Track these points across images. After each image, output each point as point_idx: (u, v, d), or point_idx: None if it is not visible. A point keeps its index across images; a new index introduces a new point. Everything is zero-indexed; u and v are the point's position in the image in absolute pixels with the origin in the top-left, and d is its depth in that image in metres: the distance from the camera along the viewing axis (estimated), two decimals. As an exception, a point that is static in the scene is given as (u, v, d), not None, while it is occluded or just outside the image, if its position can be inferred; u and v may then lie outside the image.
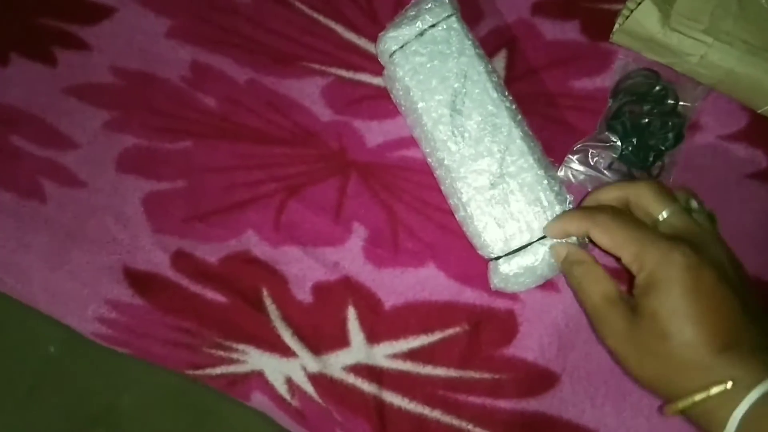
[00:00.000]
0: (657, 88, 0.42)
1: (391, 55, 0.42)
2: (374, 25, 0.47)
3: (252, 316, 0.44)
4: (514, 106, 0.40)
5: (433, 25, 0.41)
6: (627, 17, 0.40)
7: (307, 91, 0.47)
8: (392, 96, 0.44)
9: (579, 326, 0.42)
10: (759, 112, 0.41)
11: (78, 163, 0.47)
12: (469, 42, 0.41)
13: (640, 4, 0.39)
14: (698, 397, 0.31)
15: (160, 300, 0.45)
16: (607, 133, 0.42)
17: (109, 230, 0.46)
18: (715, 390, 0.30)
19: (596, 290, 0.35)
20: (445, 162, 0.41)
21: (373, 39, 0.47)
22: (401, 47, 0.41)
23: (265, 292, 0.44)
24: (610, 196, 0.37)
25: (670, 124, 0.41)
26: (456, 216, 0.42)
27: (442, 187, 0.42)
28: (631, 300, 0.34)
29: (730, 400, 0.30)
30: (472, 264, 0.43)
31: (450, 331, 0.43)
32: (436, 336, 0.43)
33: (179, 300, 0.45)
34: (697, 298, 0.31)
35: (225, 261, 0.45)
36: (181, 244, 0.46)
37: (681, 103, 0.42)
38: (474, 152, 0.40)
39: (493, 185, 0.39)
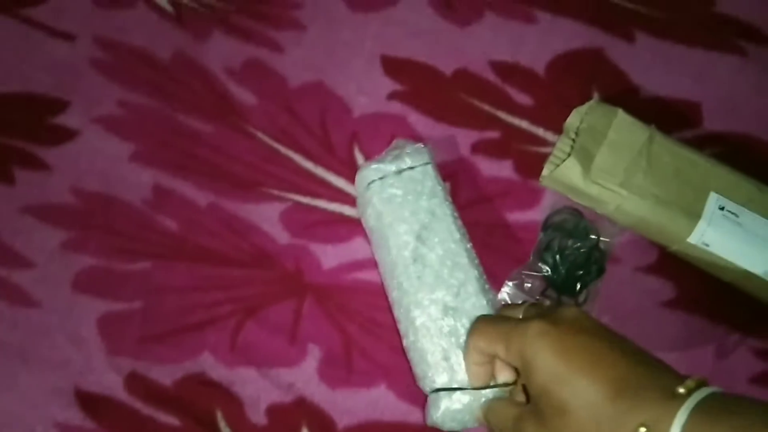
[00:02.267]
0: (581, 225, 0.47)
1: (369, 184, 0.46)
2: (330, 155, 0.51)
3: (206, 440, 0.45)
4: (471, 248, 0.45)
5: (411, 168, 0.46)
6: (556, 165, 0.46)
7: (266, 215, 0.50)
8: (363, 220, 0.48)
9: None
10: (668, 250, 0.47)
11: (33, 282, 0.47)
12: (440, 187, 0.46)
13: (567, 156, 0.45)
14: None
15: (112, 423, 0.45)
16: (539, 263, 0.47)
17: (62, 351, 0.46)
18: None
19: (503, 417, 0.38)
20: (404, 285, 0.44)
21: (329, 168, 0.51)
22: (380, 178, 0.46)
23: (219, 415, 0.45)
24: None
25: (593, 258, 0.47)
26: (404, 341, 0.45)
27: (396, 311, 0.45)
28: (530, 402, 0.37)
29: (663, 425, 0.29)
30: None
31: (400, 452, 0.45)
32: (387, 456, 0.45)
33: (132, 423, 0.45)
34: (567, 355, 0.33)
35: (180, 383, 0.46)
36: (136, 366, 0.46)
37: (602, 238, 0.47)
38: (432, 281, 0.43)
39: (445, 316, 0.43)
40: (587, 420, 0.31)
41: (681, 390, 0.30)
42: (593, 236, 0.47)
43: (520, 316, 0.39)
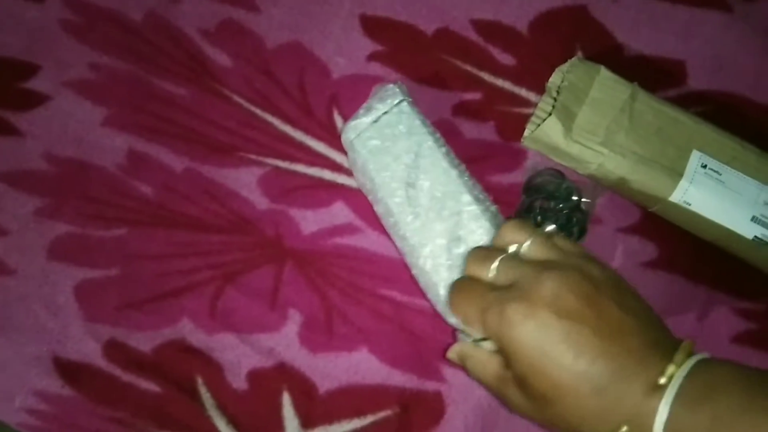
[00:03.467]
0: (563, 186, 0.47)
1: (351, 143, 0.45)
2: (308, 118, 0.50)
3: (186, 406, 0.44)
4: (464, 172, 0.44)
5: (386, 112, 0.45)
6: (537, 125, 0.45)
7: (244, 181, 0.49)
8: (357, 182, 0.48)
9: (500, 405, 0.45)
10: (649, 210, 0.47)
11: (7, 250, 0.47)
12: (419, 122, 0.45)
13: (548, 116, 0.44)
14: None
15: (92, 390, 0.45)
16: (521, 226, 0.47)
17: (39, 319, 0.46)
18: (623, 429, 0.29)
19: (487, 375, 0.36)
20: (402, 232, 0.43)
21: (308, 131, 0.50)
22: (358, 135, 0.45)
23: (199, 381, 0.45)
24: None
25: (574, 219, 0.46)
26: (420, 284, 0.44)
27: (406, 259, 0.45)
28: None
29: (646, 420, 0.29)
30: (401, 348, 0.46)
31: (381, 414, 0.45)
32: (368, 419, 0.45)
33: (111, 390, 0.45)
34: (547, 345, 0.31)
35: (159, 350, 0.45)
36: (114, 333, 0.46)
37: (583, 199, 0.47)
38: (428, 220, 0.43)
39: (448, 251, 0.42)
40: (570, 413, 0.31)
41: (662, 380, 0.29)
42: (575, 197, 0.47)
43: (490, 275, 0.36)
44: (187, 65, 0.50)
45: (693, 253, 0.48)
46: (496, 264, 0.36)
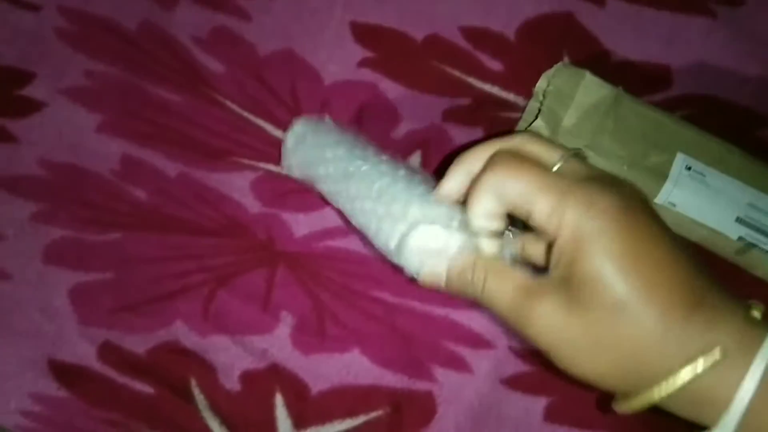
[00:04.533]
0: None
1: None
2: (301, 123, 0.51)
3: (180, 407, 0.45)
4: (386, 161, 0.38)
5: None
6: (524, 129, 0.46)
7: (237, 185, 0.50)
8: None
9: (490, 405, 0.46)
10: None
11: (3, 255, 0.47)
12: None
13: (534, 119, 0.45)
14: (685, 376, 0.23)
15: (86, 392, 0.45)
16: (511, 226, 0.47)
17: (34, 323, 0.46)
18: (704, 363, 0.23)
19: (505, 288, 0.28)
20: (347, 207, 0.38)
21: (300, 137, 0.51)
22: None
23: (193, 382, 0.46)
24: (484, 154, 0.29)
25: None
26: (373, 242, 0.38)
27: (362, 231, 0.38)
28: (553, 277, 0.27)
29: (725, 374, 0.23)
30: (393, 348, 0.47)
31: (373, 414, 0.45)
32: (360, 419, 0.45)
33: (106, 392, 0.45)
34: (642, 246, 0.25)
35: (153, 352, 0.46)
36: (109, 336, 0.46)
37: None
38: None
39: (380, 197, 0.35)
40: (649, 329, 0.24)
41: (756, 314, 0.25)
42: None
43: (556, 166, 0.27)
44: (181, 72, 0.51)
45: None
46: (563, 157, 0.27)
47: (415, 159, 0.50)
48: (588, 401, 0.46)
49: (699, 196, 0.44)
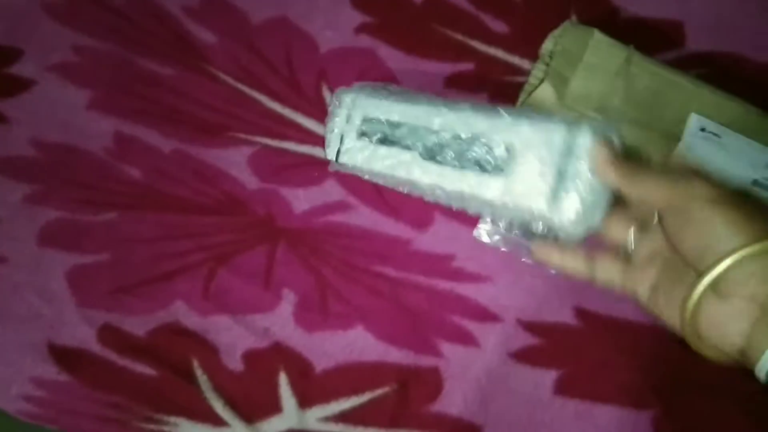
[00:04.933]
0: None
1: (337, 161, 0.42)
2: (297, 95, 0.49)
3: (183, 388, 0.44)
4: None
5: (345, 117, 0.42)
6: (530, 93, 0.44)
7: (234, 160, 0.48)
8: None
9: (498, 379, 0.45)
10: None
11: (-3, 238, 0.46)
12: (377, 99, 0.41)
13: (540, 82, 0.43)
14: (739, 255, 0.28)
15: (87, 376, 0.45)
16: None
17: (32, 306, 0.45)
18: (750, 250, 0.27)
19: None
20: (450, 187, 0.38)
21: (297, 108, 0.49)
22: (338, 153, 0.42)
23: (195, 363, 0.45)
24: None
25: None
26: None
27: (478, 210, 0.39)
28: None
29: None
30: (397, 324, 0.45)
31: (379, 392, 0.44)
32: (365, 397, 0.44)
33: (107, 375, 0.45)
34: (729, 199, 0.29)
35: (153, 333, 0.45)
36: (108, 318, 0.45)
37: None
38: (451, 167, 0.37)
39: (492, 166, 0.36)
40: (722, 223, 0.29)
41: None
42: None
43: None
44: (172, 44, 0.49)
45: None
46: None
47: (417, 128, 0.48)
48: (599, 374, 0.44)
49: (714, 158, 0.42)
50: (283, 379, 0.45)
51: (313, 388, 0.45)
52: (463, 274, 0.46)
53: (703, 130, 0.42)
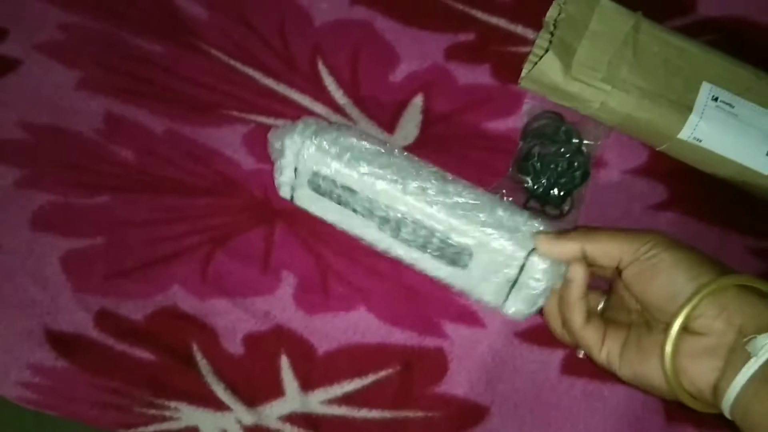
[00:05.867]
0: (562, 129, 0.44)
1: (292, 201, 0.42)
2: (292, 70, 0.47)
3: (183, 373, 0.43)
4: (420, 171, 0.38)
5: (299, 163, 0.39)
6: (534, 63, 0.42)
7: (228, 140, 0.47)
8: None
9: (504, 359, 0.44)
10: (658, 150, 0.44)
11: (-12, 224, 0.45)
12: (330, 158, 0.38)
13: (545, 53, 0.41)
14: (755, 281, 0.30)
15: (85, 361, 0.44)
16: (520, 174, 0.44)
17: (27, 292, 0.45)
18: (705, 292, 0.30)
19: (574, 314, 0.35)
20: (408, 261, 0.40)
21: (292, 85, 0.47)
22: (292, 196, 0.41)
23: (195, 347, 0.44)
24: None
25: (576, 163, 0.44)
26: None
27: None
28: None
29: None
30: (401, 305, 0.44)
31: (383, 373, 0.44)
32: (369, 378, 0.44)
33: (105, 360, 0.44)
34: (684, 252, 0.32)
35: (151, 318, 0.44)
36: (104, 303, 0.44)
37: (585, 142, 0.44)
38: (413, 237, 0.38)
39: (449, 257, 0.38)
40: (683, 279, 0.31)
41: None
42: (575, 140, 0.44)
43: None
44: (161, 20, 0.47)
45: (705, 193, 0.45)
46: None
47: (417, 103, 0.47)
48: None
49: (727, 129, 0.40)
50: (284, 362, 0.44)
51: (315, 371, 0.44)
52: (467, 253, 0.45)
53: (715, 99, 0.40)
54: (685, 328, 0.31)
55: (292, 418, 0.43)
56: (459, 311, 0.44)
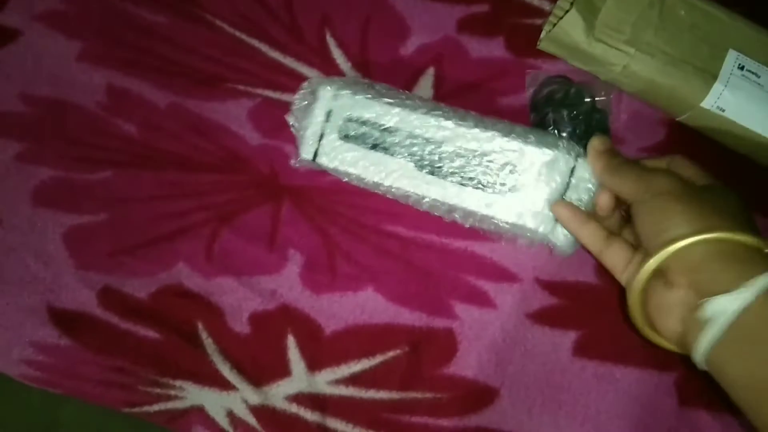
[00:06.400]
0: (571, 90, 0.42)
1: (315, 160, 0.41)
2: (299, 43, 0.46)
3: (188, 352, 0.43)
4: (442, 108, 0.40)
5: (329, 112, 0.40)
6: (554, 24, 0.41)
7: (233, 114, 0.45)
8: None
9: (515, 340, 0.43)
10: (678, 119, 0.43)
11: (-11, 199, 0.44)
12: (360, 97, 0.40)
13: (566, 12, 0.39)
14: (743, 237, 0.29)
15: (89, 339, 0.43)
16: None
17: (29, 269, 0.44)
18: (758, 242, 0.29)
19: (595, 235, 0.36)
20: (448, 201, 0.39)
21: (299, 58, 0.46)
22: (317, 151, 0.41)
23: (200, 326, 0.43)
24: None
25: (593, 122, 0.42)
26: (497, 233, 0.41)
27: (471, 223, 0.41)
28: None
29: (758, 264, 0.29)
30: (409, 285, 0.43)
31: (391, 354, 0.43)
32: (377, 359, 0.43)
33: (109, 338, 0.43)
34: (686, 195, 0.32)
35: (156, 295, 0.43)
36: (108, 280, 0.44)
37: (597, 98, 0.42)
38: (456, 170, 0.39)
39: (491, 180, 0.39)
40: (682, 214, 0.31)
41: None
42: (588, 99, 0.42)
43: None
44: (164, -11, 0.46)
45: (726, 169, 0.44)
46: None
47: (427, 78, 0.45)
48: (619, 335, 0.42)
49: (752, 99, 0.39)
50: (291, 342, 0.43)
51: (322, 351, 0.43)
52: (478, 233, 0.43)
53: (741, 68, 0.39)
54: (662, 278, 0.32)
55: (299, 399, 0.42)
56: (469, 292, 0.43)
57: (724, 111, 0.39)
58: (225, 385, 0.42)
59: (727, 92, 0.38)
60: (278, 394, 0.42)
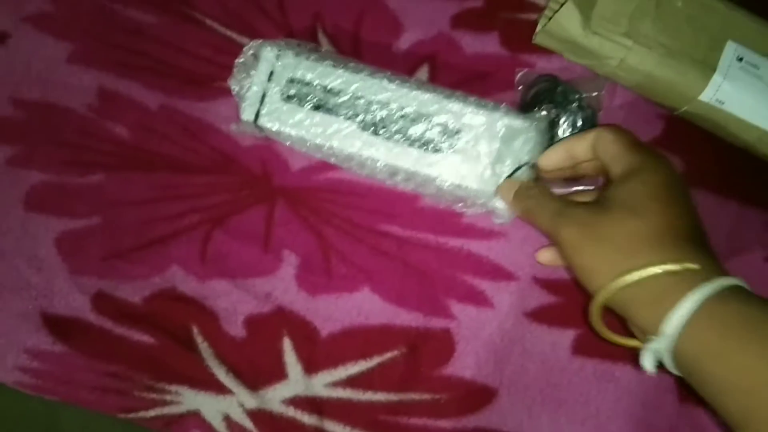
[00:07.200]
0: (558, 90, 0.42)
1: (256, 122, 0.40)
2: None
3: (183, 356, 0.42)
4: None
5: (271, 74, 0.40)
6: (549, 18, 0.40)
7: (225, 114, 0.45)
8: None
9: (513, 340, 0.42)
10: (676, 113, 0.42)
11: (-20, 205, 0.44)
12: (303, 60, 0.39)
13: (562, 5, 0.39)
14: (651, 270, 0.28)
15: (84, 345, 0.43)
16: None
17: (22, 275, 0.43)
18: (670, 267, 0.28)
19: (543, 206, 0.34)
20: (390, 161, 0.39)
21: (292, 56, 0.45)
22: (258, 112, 0.40)
23: (195, 330, 0.43)
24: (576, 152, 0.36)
25: (580, 121, 0.41)
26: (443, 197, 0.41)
27: (412, 186, 0.41)
28: (595, 200, 0.33)
29: (680, 287, 0.28)
30: (406, 285, 0.43)
31: (388, 355, 0.42)
32: (374, 361, 0.42)
33: (104, 344, 0.43)
34: (673, 189, 0.31)
35: (150, 300, 0.43)
36: (101, 285, 0.43)
37: (584, 95, 0.42)
38: (403, 134, 0.39)
39: (447, 144, 0.39)
40: (642, 237, 0.30)
41: (731, 281, 0.28)
42: (575, 96, 0.42)
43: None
44: (153, -11, 0.45)
45: (723, 164, 0.43)
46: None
47: (422, 75, 0.45)
48: (620, 332, 0.42)
49: (751, 91, 0.38)
50: (287, 345, 0.43)
51: (319, 353, 0.42)
52: (474, 231, 0.43)
53: (740, 60, 0.38)
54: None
55: (296, 402, 0.42)
56: (466, 291, 0.43)
57: (723, 103, 0.39)
58: (221, 390, 0.42)
59: (726, 84, 0.38)
60: (275, 397, 0.42)
